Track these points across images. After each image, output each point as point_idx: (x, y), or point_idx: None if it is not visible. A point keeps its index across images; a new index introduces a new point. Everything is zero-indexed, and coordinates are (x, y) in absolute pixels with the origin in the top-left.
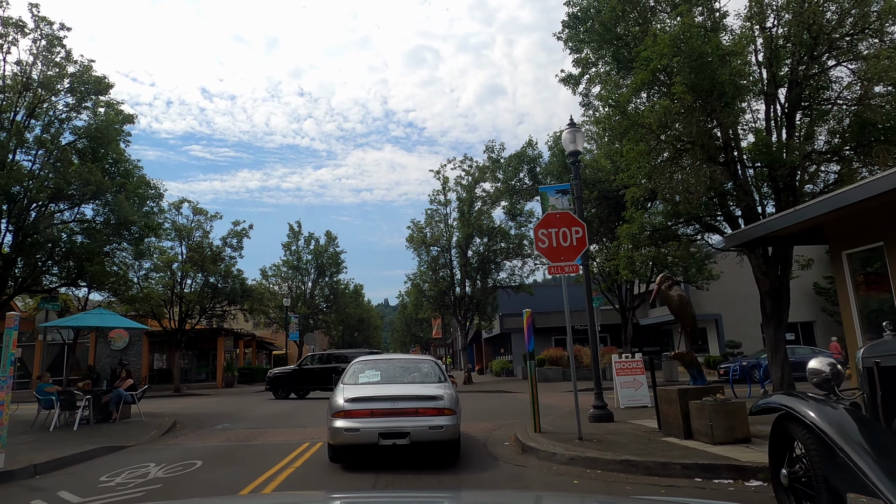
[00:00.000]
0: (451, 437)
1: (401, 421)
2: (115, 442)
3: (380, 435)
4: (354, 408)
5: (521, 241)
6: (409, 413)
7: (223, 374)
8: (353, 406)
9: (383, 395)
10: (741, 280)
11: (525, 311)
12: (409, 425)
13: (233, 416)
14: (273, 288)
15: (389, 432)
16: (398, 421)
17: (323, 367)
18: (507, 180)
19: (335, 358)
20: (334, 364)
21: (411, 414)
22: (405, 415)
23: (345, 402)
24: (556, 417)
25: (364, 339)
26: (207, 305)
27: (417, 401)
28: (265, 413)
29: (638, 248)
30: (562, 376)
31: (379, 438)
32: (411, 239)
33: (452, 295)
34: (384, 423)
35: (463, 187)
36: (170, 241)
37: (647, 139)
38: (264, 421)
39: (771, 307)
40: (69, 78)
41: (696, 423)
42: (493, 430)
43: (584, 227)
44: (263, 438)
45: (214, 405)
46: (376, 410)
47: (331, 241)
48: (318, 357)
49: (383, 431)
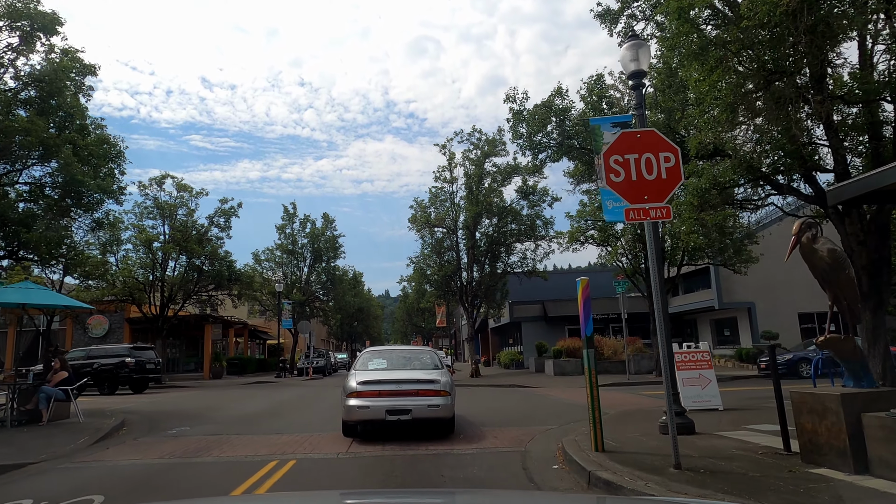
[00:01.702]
0: (447, 414)
1: (404, 400)
2: (18, 456)
3: (386, 411)
4: (365, 389)
5: (533, 222)
6: (411, 394)
7: (210, 364)
8: (364, 388)
9: (389, 378)
10: (775, 266)
11: (580, 280)
12: (411, 404)
13: (198, 416)
14: (266, 274)
15: (394, 409)
16: (402, 400)
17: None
18: (531, 134)
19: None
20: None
21: (413, 394)
22: (408, 395)
23: (357, 384)
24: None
25: (364, 330)
26: (192, 290)
27: (418, 384)
28: (239, 412)
29: (705, 208)
30: (580, 369)
31: (385, 414)
32: (414, 219)
33: (459, 280)
34: (390, 402)
35: (471, 161)
36: (151, 219)
37: (725, 64)
38: (233, 423)
39: (868, 285)
40: (4, 9)
41: (877, 449)
42: (526, 440)
43: (678, 152)
44: (220, 451)
45: (186, 400)
46: (383, 391)
47: (328, 223)
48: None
49: (389, 409)
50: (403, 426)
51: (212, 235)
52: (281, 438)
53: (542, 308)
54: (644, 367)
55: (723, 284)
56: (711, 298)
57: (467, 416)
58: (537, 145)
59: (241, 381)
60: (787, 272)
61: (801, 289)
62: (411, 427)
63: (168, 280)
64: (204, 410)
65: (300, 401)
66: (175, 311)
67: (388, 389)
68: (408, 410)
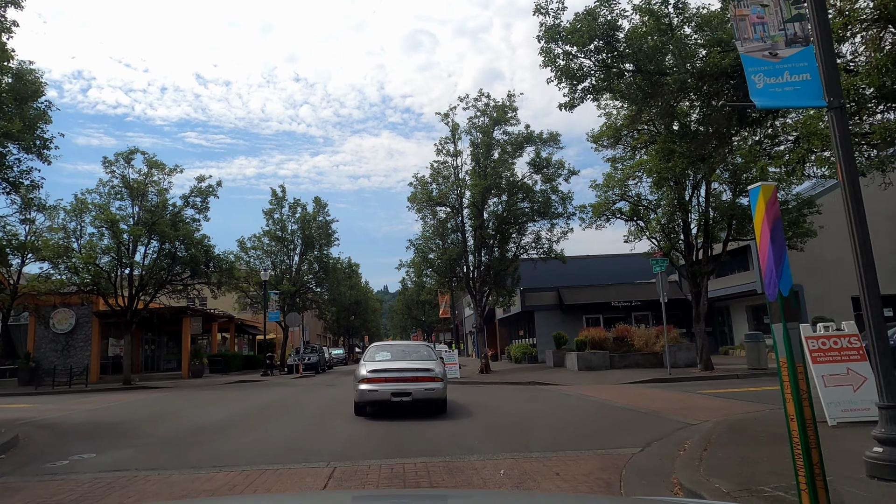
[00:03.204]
0: (440, 396)
1: (406, 385)
2: None
3: (391, 394)
4: (374, 376)
5: (548, 199)
6: (411, 380)
7: (189, 362)
8: (373, 375)
9: (393, 367)
10: (826, 243)
11: (760, 187)
12: (411, 388)
13: (129, 432)
14: (253, 263)
15: (398, 392)
16: (404, 385)
17: None
18: (572, 56)
19: None
20: None
21: (413, 380)
22: (408, 381)
23: (367, 372)
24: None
25: (362, 324)
26: (165, 278)
27: (417, 372)
28: (190, 424)
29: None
30: (609, 363)
31: (391, 396)
32: (414, 198)
33: (465, 264)
34: (394, 387)
35: (479, 128)
36: (119, 200)
37: None
38: (166, 446)
39: None
40: None
41: None
42: (613, 481)
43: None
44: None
45: (138, 407)
46: (388, 378)
47: (320, 208)
48: None
49: (394, 392)
50: (405, 406)
51: (187, 217)
52: (216, 477)
53: (556, 295)
54: (682, 359)
55: None
56: (752, 282)
57: (496, 429)
58: (576, 72)
59: (223, 381)
60: (839, 250)
61: (854, 270)
62: (412, 408)
63: (137, 266)
64: (146, 422)
65: (277, 406)
66: (146, 302)
67: (392, 376)
68: (409, 393)
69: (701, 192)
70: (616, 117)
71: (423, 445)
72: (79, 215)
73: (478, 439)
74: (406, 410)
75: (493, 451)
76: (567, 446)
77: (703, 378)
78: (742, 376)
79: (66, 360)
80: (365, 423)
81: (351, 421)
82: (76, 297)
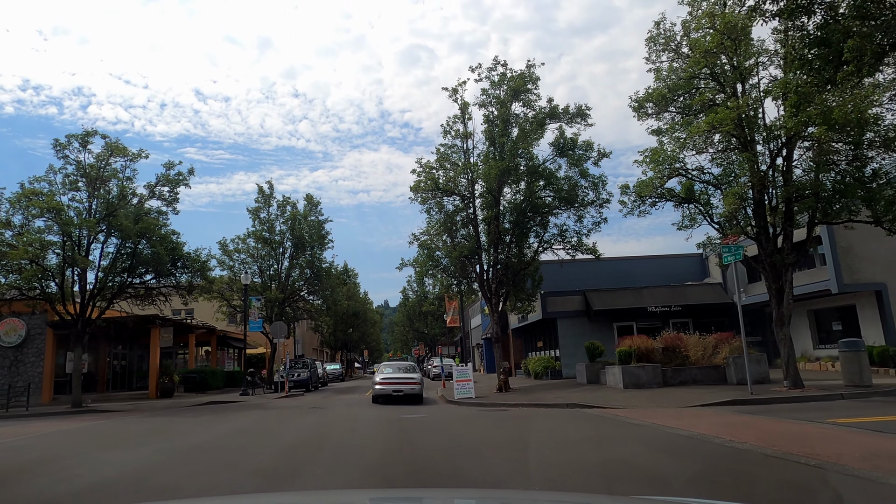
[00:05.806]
0: (420, 393)
1: (400, 387)
2: None
3: (392, 391)
4: (382, 381)
5: (574, 185)
6: (403, 383)
7: (157, 379)
8: (382, 380)
9: (393, 377)
10: None
11: None
12: (403, 388)
13: None
14: (237, 267)
15: (397, 391)
16: (399, 387)
17: None
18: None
19: None
20: None
21: (404, 384)
22: (401, 384)
23: (380, 379)
24: None
25: (360, 337)
26: (125, 280)
27: (406, 379)
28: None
29: None
30: (662, 379)
31: (392, 392)
32: (417, 187)
33: (478, 263)
34: (394, 387)
35: (495, 102)
36: (74, 190)
37: None
38: None
39: None
40: None
41: None
42: None
43: None
44: None
45: (30, 445)
46: (391, 382)
47: (312, 206)
48: None
49: (394, 391)
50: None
51: (153, 210)
52: None
53: (583, 300)
54: (753, 373)
55: (841, 260)
56: (825, 280)
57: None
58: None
59: (192, 402)
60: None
61: None
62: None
63: (92, 268)
64: (14, 473)
65: (223, 445)
66: (101, 309)
67: (392, 381)
68: (402, 392)
69: (777, 163)
70: (669, 75)
71: None
72: (25, 208)
73: None
74: (399, 400)
75: None
76: None
77: (798, 399)
78: (849, 396)
79: (15, 377)
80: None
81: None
82: (22, 304)
